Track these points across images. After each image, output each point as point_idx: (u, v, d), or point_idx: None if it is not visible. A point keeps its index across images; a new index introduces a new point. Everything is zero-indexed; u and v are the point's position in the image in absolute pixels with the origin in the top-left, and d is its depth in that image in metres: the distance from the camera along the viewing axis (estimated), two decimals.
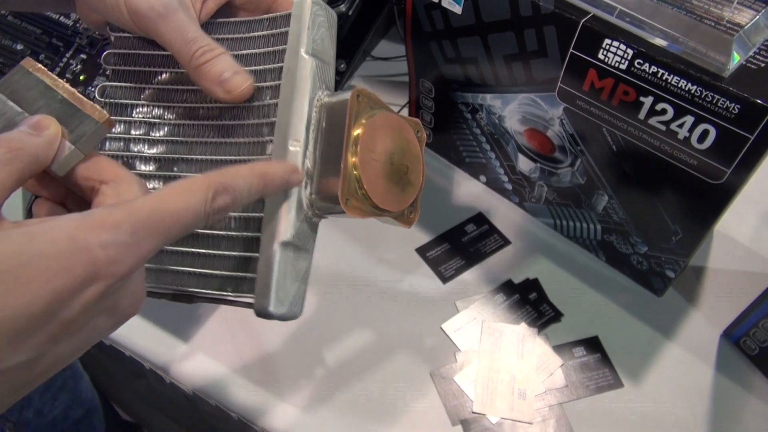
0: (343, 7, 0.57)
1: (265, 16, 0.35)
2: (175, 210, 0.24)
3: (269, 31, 0.34)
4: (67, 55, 0.55)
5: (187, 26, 0.32)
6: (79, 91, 0.28)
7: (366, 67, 0.76)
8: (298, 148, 0.32)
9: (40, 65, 0.28)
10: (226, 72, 0.32)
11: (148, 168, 0.36)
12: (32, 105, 0.27)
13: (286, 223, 0.31)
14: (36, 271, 0.20)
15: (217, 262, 0.33)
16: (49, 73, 0.28)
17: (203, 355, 0.53)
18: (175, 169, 0.35)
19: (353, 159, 0.31)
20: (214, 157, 0.34)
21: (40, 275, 0.20)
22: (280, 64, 0.33)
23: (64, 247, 0.21)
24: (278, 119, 0.32)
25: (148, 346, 0.53)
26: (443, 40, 0.54)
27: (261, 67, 0.34)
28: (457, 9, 0.50)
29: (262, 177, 0.28)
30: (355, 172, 0.31)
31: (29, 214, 0.54)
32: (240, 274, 0.33)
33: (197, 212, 0.25)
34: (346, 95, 0.32)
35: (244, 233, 0.33)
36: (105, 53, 0.37)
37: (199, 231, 0.34)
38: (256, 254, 0.32)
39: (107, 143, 0.36)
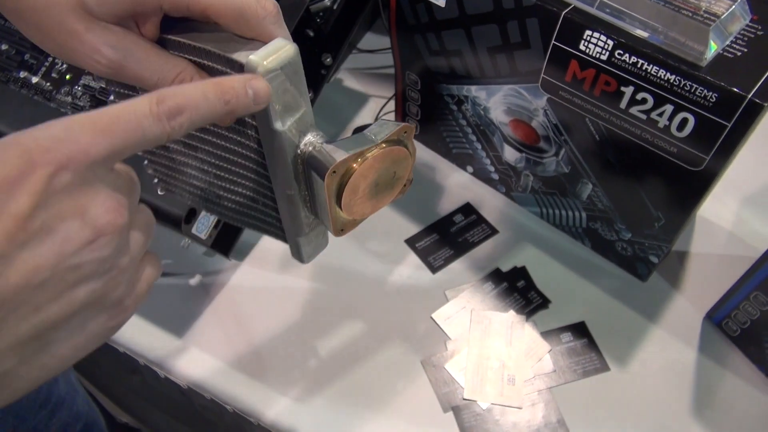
0: (327, 1, 0.57)
1: (222, 53, 0.31)
2: (114, 111, 0.23)
3: (227, 70, 0.31)
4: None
5: (143, 72, 0.31)
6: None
7: (352, 59, 0.76)
8: (293, 192, 0.34)
9: None
10: None
11: (175, 145, 0.37)
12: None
13: (300, 230, 0.36)
14: None
15: (260, 217, 0.38)
16: None
17: (197, 349, 0.53)
18: (198, 152, 0.36)
19: (339, 210, 0.34)
20: (229, 156, 0.35)
21: None
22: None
23: None
24: (269, 168, 0.34)
25: (142, 341, 0.54)
26: (428, 33, 0.54)
27: None
28: (441, 2, 0.51)
29: (216, 84, 0.27)
30: (342, 214, 0.34)
31: None
32: (280, 232, 0.38)
33: (142, 112, 0.24)
34: (326, 163, 0.32)
35: (272, 213, 0.37)
36: None
37: (243, 205, 0.37)
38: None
39: None
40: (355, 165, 0.32)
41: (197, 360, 0.53)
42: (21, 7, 0.29)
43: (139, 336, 0.54)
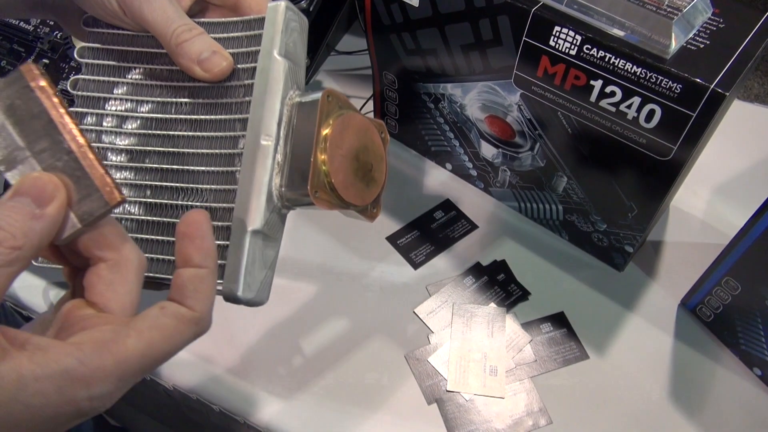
0: (303, 4, 0.58)
1: (239, 18, 0.36)
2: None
3: (243, 33, 0.35)
4: (29, 60, 0.55)
5: (168, 8, 0.34)
6: None
7: (330, 61, 0.77)
8: (269, 142, 0.33)
9: (43, 80, 0.26)
10: (204, 51, 0.34)
11: (120, 159, 0.36)
12: (36, 142, 0.26)
13: (257, 212, 0.32)
14: (22, 422, 0.22)
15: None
16: (53, 95, 0.26)
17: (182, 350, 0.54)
18: (147, 160, 0.36)
19: (322, 155, 0.33)
20: (186, 150, 0.35)
21: (26, 425, 0.22)
22: (253, 64, 0.35)
23: (52, 400, 0.23)
24: (251, 115, 0.34)
25: None
26: (403, 33, 0.55)
27: (235, 66, 0.35)
28: (415, 2, 0.52)
29: None
30: (323, 167, 0.33)
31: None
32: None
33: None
34: (317, 95, 0.33)
35: (215, 222, 0.34)
36: (78, 47, 0.38)
37: (169, 220, 0.35)
38: (226, 242, 0.33)
39: None
40: (345, 110, 0.34)
41: (182, 361, 0.53)
42: None
43: None
